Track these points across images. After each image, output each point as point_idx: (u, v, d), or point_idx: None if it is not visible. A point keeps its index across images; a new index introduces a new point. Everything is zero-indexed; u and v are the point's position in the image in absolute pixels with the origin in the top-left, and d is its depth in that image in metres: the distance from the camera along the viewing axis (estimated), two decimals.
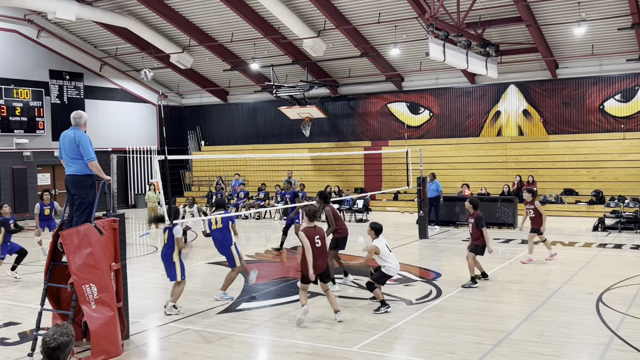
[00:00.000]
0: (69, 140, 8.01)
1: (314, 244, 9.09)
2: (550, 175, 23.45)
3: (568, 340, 8.07)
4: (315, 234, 9.19)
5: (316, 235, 9.18)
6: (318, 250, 9.10)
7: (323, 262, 9.17)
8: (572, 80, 23.79)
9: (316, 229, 9.24)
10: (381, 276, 9.76)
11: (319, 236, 9.21)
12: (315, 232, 9.19)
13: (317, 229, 9.25)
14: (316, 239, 9.15)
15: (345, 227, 11.62)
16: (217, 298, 10.64)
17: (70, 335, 4.33)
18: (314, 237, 9.13)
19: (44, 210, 15.09)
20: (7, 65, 24.92)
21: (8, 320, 9.56)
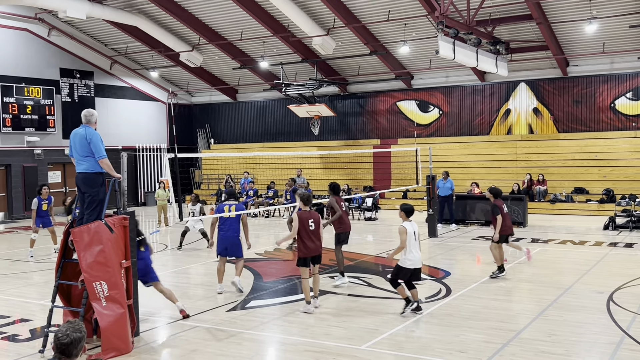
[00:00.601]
0: (80, 138, 8.04)
1: (308, 227, 9.50)
2: (560, 174, 23.33)
3: (578, 339, 8.03)
4: (310, 217, 9.58)
5: (310, 218, 9.56)
6: (311, 233, 9.52)
7: (316, 245, 9.57)
8: (583, 78, 23.66)
9: (311, 213, 9.66)
10: (398, 270, 9.18)
11: (313, 220, 9.58)
12: (309, 216, 9.59)
13: (311, 213, 9.67)
14: (310, 222, 9.53)
15: (348, 222, 11.70)
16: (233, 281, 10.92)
17: (83, 332, 4.36)
18: (307, 219, 9.54)
19: (41, 205, 15.04)
20: (18, 64, 25.08)
21: (19, 317, 9.63)
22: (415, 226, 9.25)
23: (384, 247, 15.69)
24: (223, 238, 10.89)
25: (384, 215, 22.98)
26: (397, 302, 10.04)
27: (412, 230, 9.15)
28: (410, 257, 9.09)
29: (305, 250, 9.48)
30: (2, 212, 24.79)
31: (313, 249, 9.52)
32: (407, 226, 9.12)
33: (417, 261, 9.16)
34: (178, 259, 14.85)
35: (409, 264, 9.11)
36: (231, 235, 10.85)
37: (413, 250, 9.10)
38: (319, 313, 9.52)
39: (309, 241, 9.48)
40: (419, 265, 9.23)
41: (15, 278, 12.75)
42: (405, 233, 9.03)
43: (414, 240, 9.15)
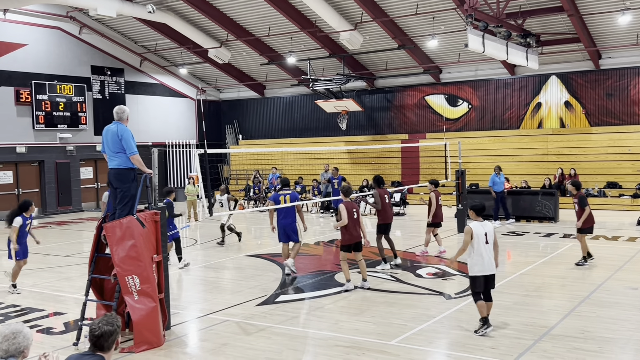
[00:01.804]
0: (112, 135, 8.15)
1: (352, 215, 10.30)
2: (592, 168, 22.94)
3: (612, 336, 7.90)
4: (353, 207, 10.45)
5: (353, 208, 10.44)
6: (355, 222, 10.36)
7: (359, 232, 10.47)
8: (616, 70, 23.20)
9: (352, 204, 10.53)
10: (471, 281, 8.14)
11: (356, 209, 10.47)
12: (352, 206, 10.46)
13: (353, 204, 10.55)
14: (353, 211, 10.37)
15: (389, 214, 12.38)
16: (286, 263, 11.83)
17: (116, 325, 4.44)
18: (352, 209, 10.38)
19: (26, 225, 11.20)
20: (50, 62, 25.51)
21: (54, 311, 9.82)
22: (487, 227, 8.12)
23: (412, 243, 15.63)
24: (283, 225, 11.86)
25: (412, 211, 22.86)
26: (427, 297, 10.01)
27: (482, 232, 8.01)
28: (478, 262, 7.99)
29: (349, 237, 10.37)
30: (36, 208, 25.24)
31: (356, 236, 10.44)
32: (474, 227, 8.06)
33: (486, 266, 8.00)
34: (208, 254, 14.99)
35: (477, 271, 8.00)
36: (290, 222, 11.83)
37: (483, 254, 7.96)
38: (348, 308, 9.54)
39: (352, 229, 10.35)
40: (491, 272, 8.06)
41: (49, 272, 13.00)
42: (470, 234, 7.99)
43: (484, 243, 7.98)
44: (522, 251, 14.39)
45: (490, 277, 8.10)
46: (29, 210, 11.26)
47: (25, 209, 11.21)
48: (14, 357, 4.19)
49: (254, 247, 16.10)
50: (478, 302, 8.06)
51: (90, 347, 4.41)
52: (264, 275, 12.08)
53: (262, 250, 15.12)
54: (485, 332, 7.94)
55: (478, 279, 8.03)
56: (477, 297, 8.07)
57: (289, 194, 12.00)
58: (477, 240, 7.99)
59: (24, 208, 11.22)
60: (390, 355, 7.34)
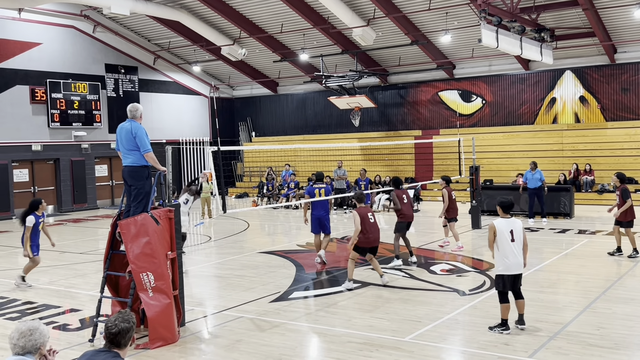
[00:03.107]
0: (126, 132, 8.20)
1: (368, 219, 10.32)
2: (608, 164, 22.73)
3: (628, 332, 7.83)
4: (368, 211, 10.50)
5: (369, 212, 10.47)
6: (372, 226, 10.34)
7: (376, 236, 10.43)
8: (632, 65, 22.96)
9: (367, 208, 10.64)
10: (497, 280, 7.98)
11: (371, 213, 10.49)
12: (368, 210, 10.52)
13: (368, 208, 10.66)
14: (369, 215, 10.40)
15: (408, 213, 12.49)
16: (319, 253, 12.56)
17: (131, 322, 4.47)
18: (366, 214, 10.38)
19: (39, 223, 11.33)
20: (65, 60, 25.69)
21: (69, 307, 9.90)
22: (514, 223, 7.88)
23: (425, 239, 15.59)
24: (318, 217, 12.53)
25: (425, 207, 22.81)
26: (441, 294, 9.99)
27: (507, 229, 7.79)
28: (502, 260, 7.80)
29: (366, 240, 10.31)
30: (52, 205, 25.49)
31: (373, 240, 10.39)
32: (497, 223, 7.84)
33: (513, 265, 7.77)
34: (221, 251, 15.05)
35: (502, 269, 7.81)
36: (324, 214, 12.55)
37: (507, 252, 7.76)
38: (362, 305, 9.54)
39: (369, 233, 10.31)
40: (518, 271, 7.84)
41: (65, 269, 13.12)
42: (493, 231, 7.81)
43: (509, 241, 7.76)
44: (536, 247, 14.30)
45: (514, 277, 7.87)
46: (39, 209, 11.33)
47: (36, 208, 11.29)
48: (30, 353, 4.25)
49: (267, 244, 16.14)
50: (502, 304, 7.86)
51: (106, 344, 4.45)
52: (278, 272, 12.12)
53: (276, 247, 15.16)
54: (501, 332, 7.82)
55: (501, 277, 7.87)
56: (502, 298, 7.87)
57: (323, 187, 12.81)
58: (500, 238, 7.79)
59: (34, 207, 11.30)
60: (404, 352, 7.33)
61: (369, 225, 10.31)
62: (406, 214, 12.44)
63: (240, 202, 26.95)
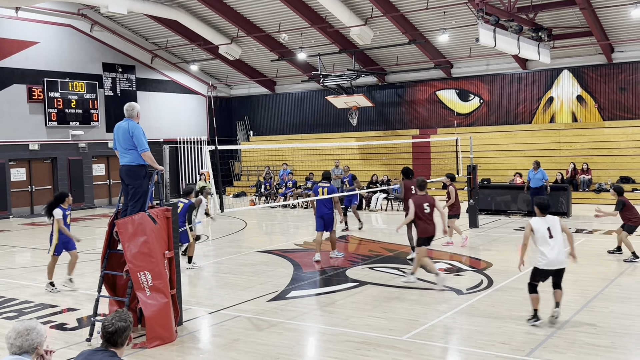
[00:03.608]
0: (123, 132, 8.19)
1: (423, 210, 10.22)
2: (605, 163, 22.77)
3: (625, 331, 7.85)
4: (425, 201, 10.30)
5: (425, 202, 10.27)
6: (427, 216, 10.24)
7: (431, 227, 10.28)
8: (629, 64, 23.00)
9: (426, 197, 10.41)
10: (533, 271, 8.26)
11: (428, 203, 10.29)
12: (424, 200, 10.32)
13: (426, 197, 10.41)
14: (425, 205, 10.24)
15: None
16: (332, 256, 13.02)
17: (128, 321, 4.47)
18: (422, 204, 10.23)
19: (66, 217, 11.05)
20: (62, 59, 25.66)
21: (67, 307, 9.89)
22: (551, 221, 8.19)
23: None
24: (322, 214, 12.82)
25: None
26: (438, 293, 9.99)
27: (544, 227, 8.13)
28: (540, 256, 8.14)
29: (425, 229, 10.25)
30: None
31: (430, 230, 10.30)
32: (533, 222, 8.21)
33: (552, 262, 8.06)
34: (219, 250, 15.04)
35: (542, 264, 8.12)
36: (328, 212, 12.80)
37: (545, 248, 8.06)
38: (359, 304, 9.54)
39: (425, 223, 10.24)
40: (557, 267, 8.10)
41: (62, 268, 13.07)
42: (529, 228, 8.19)
43: (547, 238, 8.07)
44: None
45: (556, 272, 8.17)
46: (65, 202, 10.96)
47: (62, 201, 10.89)
48: (27, 353, 4.24)
49: (265, 243, 16.13)
50: (531, 294, 8.19)
51: (103, 343, 4.45)
52: (275, 271, 12.12)
53: (274, 246, 15.16)
54: (535, 324, 8.07)
55: (538, 271, 8.18)
56: (531, 289, 8.21)
57: (327, 186, 13.04)
58: (538, 236, 8.13)
59: (60, 200, 10.90)
60: (401, 351, 7.34)
61: (424, 215, 10.24)
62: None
63: (237, 201, 26.94)
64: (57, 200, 10.96)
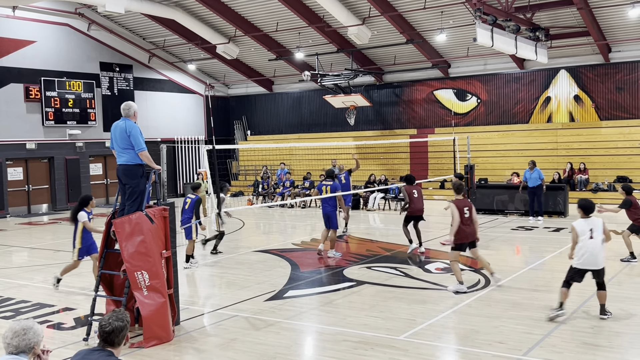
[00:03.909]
0: (120, 131, 8.17)
1: (463, 214, 10.04)
2: (602, 163, 22.81)
3: (622, 330, 7.87)
4: (465, 205, 10.17)
5: (465, 206, 10.14)
6: (466, 220, 10.08)
7: (472, 230, 10.14)
8: (626, 64, 23.03)
9: (465, 201, 10.29)
10: (569, 269, 8.48)
11: (468, 207, 10.16)
12: (464, 204, 10.19)
13: (465, 201, 10.30)
14: (465, 209, 10.09)
15: (416, 207, 13.30)
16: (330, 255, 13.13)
17: (125, 321, 4.47)
18: (463, 207, 10.09)
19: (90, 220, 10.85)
20: (60, 58, 25.62)
21: (64, 306, 9.88)
22: (593, 223, 8.40)
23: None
24: (324, 213, 13.25)
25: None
26: (435, 292, 10.01)
27: (587, 228, 8.34)
28: (578, 255, 8.35)
29: (462, 235, 10.03)
30: (46, 204, 25.44)
31: (469, 233, 10.12)
32: (577, 224, 8.44)
33: (588, 262, 8.27)
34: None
35: (576, 264, 8.37)
36: (330, 210, 13.13)
37: (584, 249, 8.28)
38: (356, 303, 9.55)
39: (464, 226, 10.04)
40: (593, 267, 8.29)
41: (59, 268, 13.06)
42: (575, 232, 8.40)
43: (588, 239, 8.29)
44: (531, 246, 14.35)
45: (595, 272, 8.35)
46: (89, 205, 10.91)
47: (86, 204, 10.86)
48: (24, 353, 4.24)
49: (263, 242, 16.13)
50: (562, 288, 8.44)
51: (100, 343, 4.45)
52: (273, 270, 12.12)
53: (271, 246, 15.15)
54: (557, 315, 8.29)
55: (573, 269, 8.40)
56: (564, 284, 8.44)
57: (330, 184, 13.47)
58: (581, 236, 8.36)
59: (84, 203, 10.86)
60: (398, 350, 7.34)
61: (463, 219, 10.06)
62: (414, 207, 13.29)
63: (235, 200, 26.93)
64: (81, 204, 10.90)
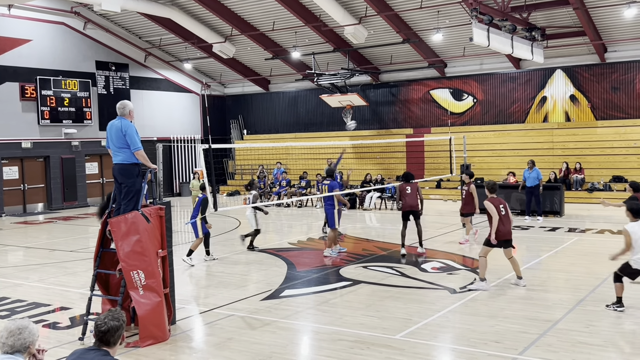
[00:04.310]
0: (116, 130, 8.16)
1: (499, 212, 10.08)
2: (598, 162, 22.86)
3: (617, 330, 7.89)
4: (500, 203, 10.26)
5: (500, 204, 10.23)
6: (503, 217, 10.09)
7: (507, 229, 10.12)
8: (622, 64, 23.09)
9: (500, 199, 10.37)
10: (625, 266, 8.64)
11: (503, 205, 10.25)
12: (499, 202, 10.27)
13: (500, 199, 10.37)
14: (500, 207, 10.16)
15: (407, 203, 13.31)
16: (325, 254, 13.25)
17: (121, 321, 4.46)
18: (498, 205, 10.17)
19: None
20: (55, 57, 25.56)
21: (59, 305, 9.86)
22: None
23: (416, 237, 15.59)
24: (324, 211, 13.65)
25: None
26: (432, 292, 10.02)
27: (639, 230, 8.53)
28: (637, 258, 8.51)
29: (497, 233, 9.98)
30: (42, 203, 25.38)
31: (505, 232, 10.08)
32: (630, 228, 8.56)
33: None
34: (212, 249, 14.99)
35: (635, 265, 8.51)
36: (327, 209, 13.41)
37: (638, 250, 8.48)
38: (352, 302, 9.55)
39: (500, 225, 10.03)
40: None
41: (55, 267, 13.06)
42: (629, 235, 8.52)
43: None
44: (527, 245, 14.37)
45: None
46: None
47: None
48: (19, 352, 4.23)
49: (259, 241, 16.10)
50: (616, 283, 8.71)
51: (96, 342, 4.44)
52: (269, 269, 12.12)
53: (267, 245, 15.15)
54: (615, 309, 8.58)
55: (630, 268, 8.57)
56: (616, 278, 8.71)
57: (328, 183, 13.64)
58: (635, 240, 8.50)
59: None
60: (394, 350, 7.35)
61: (500, 217, 10.05)
62: (405, 203, 13.37)
63: (231, 200, 26.90)
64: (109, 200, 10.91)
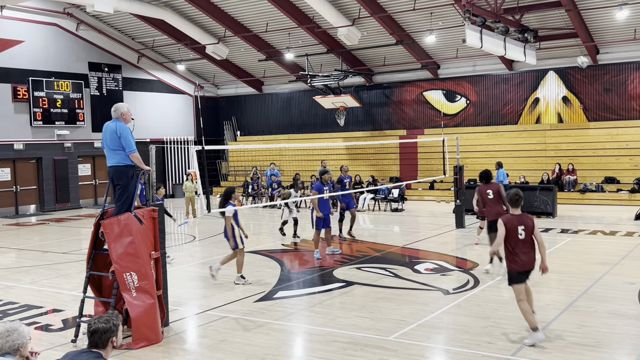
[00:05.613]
0: (111, 132, 8.15)
1: (517, 235, 7.39)
2: (590, 163, 22.97)
3: (609, 331, 7.92)
4: (520, 223, 7.40)
5: (520, 225, 7.40)
6: (521, 244, 7.42)
7: (529, 257, 7.48)
8: (614, 65, 23.21)
9: (521, 218, 7.46)
10: None
11: (524, 226, 7.39)
12: (519, 222, 7.42)
13: (522, 218, 7.46)
14: (520, 229, 7.38)
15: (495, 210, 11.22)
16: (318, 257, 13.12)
17: (111, 324, 4.44)
18: (516, 227, 7.39)
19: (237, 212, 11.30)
20: (48, 58, 25.46)
21: (52, 308, 9.82)
22: None
23: (410, 238, 15.63)
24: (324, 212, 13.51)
25: (410, 207, 22.89)
26: (425, 293, 10.03)
27: None
28: None
29: (516, 264, 7.48)
30: (34, 205, 25.27)
31: (526, 262, 7.48)
32: None
33: None
34: (206, 250, 14.99)
35: None
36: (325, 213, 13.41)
37: None
38: (346, 304, 9.55)
39: (520, 253, 7.43)
40: None
41: (47, 269, 13.01)
42: None
43: None
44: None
45: None
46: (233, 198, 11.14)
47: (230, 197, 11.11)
48: (9, 354, 4.21)
49: (252, 243, 16.09)
50: None
51: (89, 344, 4.43)
52: (262, 271, 12.11)
53: (261, 247, 15.14)
54: None
55: None
56: None
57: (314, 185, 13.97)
58: None
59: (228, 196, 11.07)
60: (388, 351, 7.35)
61: (517, 242, 7.42)
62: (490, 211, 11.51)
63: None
64: (225, 197, 11.13)
